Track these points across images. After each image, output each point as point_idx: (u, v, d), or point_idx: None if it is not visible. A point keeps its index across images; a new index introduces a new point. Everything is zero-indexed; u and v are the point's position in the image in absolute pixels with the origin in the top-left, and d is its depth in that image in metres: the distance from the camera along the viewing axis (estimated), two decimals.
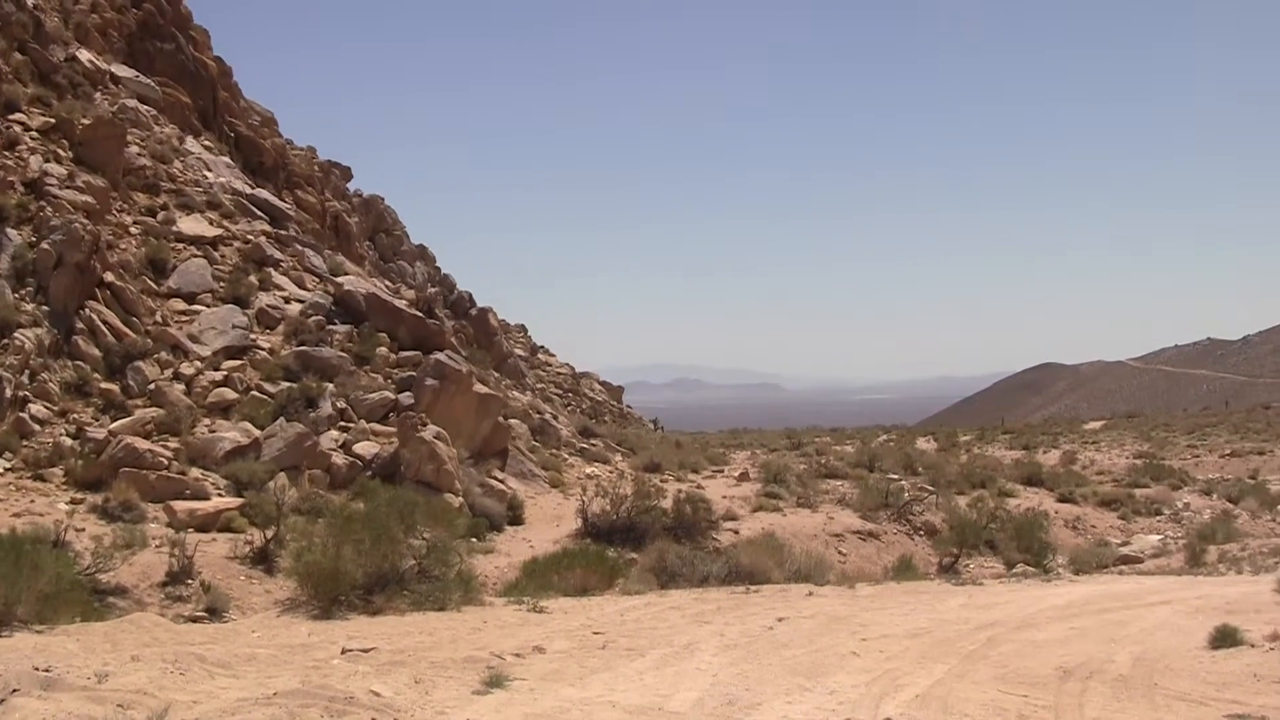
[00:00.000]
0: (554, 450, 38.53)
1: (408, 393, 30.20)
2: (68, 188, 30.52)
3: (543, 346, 70.73)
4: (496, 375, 43.04)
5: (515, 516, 28.44)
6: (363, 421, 28.88)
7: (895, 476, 39.59)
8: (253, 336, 30.45)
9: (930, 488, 38.24)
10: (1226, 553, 29.69)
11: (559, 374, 65.61)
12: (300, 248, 36.38)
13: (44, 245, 27.51)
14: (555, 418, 43.90)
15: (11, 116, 32.74)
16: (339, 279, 35.18)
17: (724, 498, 33.05)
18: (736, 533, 28.80)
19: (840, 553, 29.94)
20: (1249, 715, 10.86)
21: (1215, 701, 11.39)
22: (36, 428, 24.40)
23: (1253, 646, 13.65)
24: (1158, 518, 39.27)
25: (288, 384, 28.57)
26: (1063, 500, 40.00)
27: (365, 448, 27.57)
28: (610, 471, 38.00)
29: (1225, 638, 13.93)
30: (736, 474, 40.87)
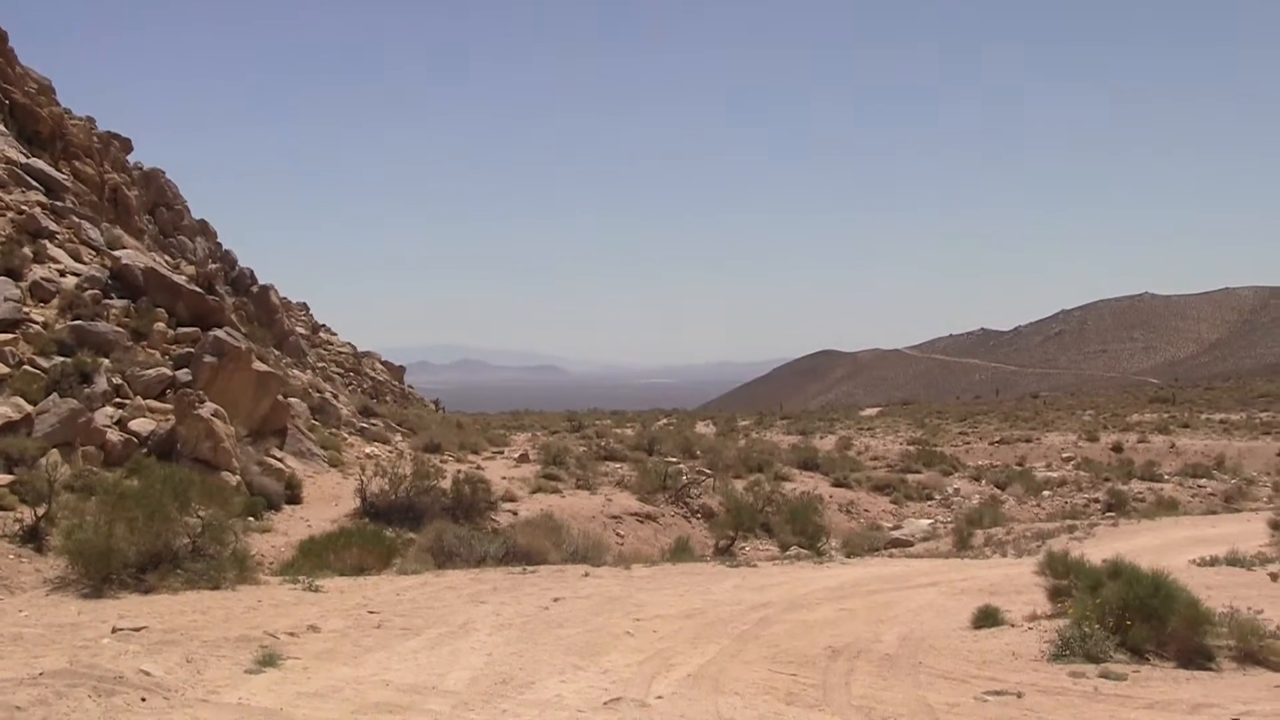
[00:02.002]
0: (334, 429, 38.18)
1: (185, 369, 29.62)
2: None
3: (324, 325, 69.82)
4: (277, 353, 42.47)
5: (293, 495, 28.14)
6: (139, 398, 28.23)
7: (674, 460, 40.12)
8: (26, 310, 29.47)
9: (708, 471, 38.85)
10: (992, 536, 30.73)
11: (340, 353, 64.83)
12: (77, 220, 35.30)
13: None
14: (336, 397, 43.47)
15: None
16: (117, 252, 34.26)
17: (503, 479, 33.19)
18: (515, 514, 28.96)
19: (618, 534, 30.28)
20: (1007, 691, 11.37)
21: (976, 679, 11.90)
22: None
23: (1013, 626, 14.27)
24: (929, 503, 40.51)
25: (62, 359, 27.75)
26: (837, 485, 40.98)
27: (141, 424, 26.97)
28: (390, 451, 37.83)
29: (987, 618, 14.53)
30: (516, 455, 41.00)
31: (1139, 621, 12.86)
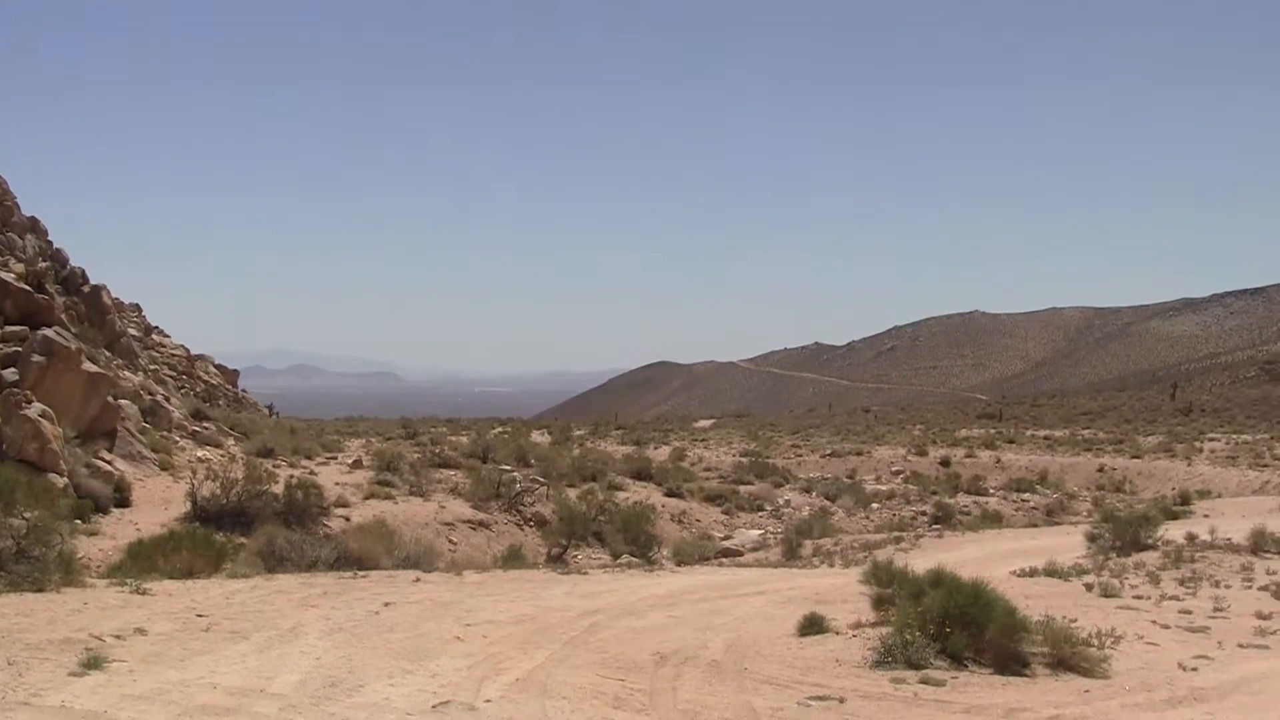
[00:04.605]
0: (165, 433, 37.57)
1: (12, 369, 29.01)
2: None
3: (157, 327, 68.46)
4: (108, 354, 41.61)
5: (122, 498, 27.73)
6: None
7: (508, 468, 40.13)
8: None
9: (542, 480, 38.92)
10: (821, 547, 31.16)
11: (173, 356, 63.66)
12: None
13: None
14: (168, 400, 42.75)
15: None
16: None
17: (337, 484, 32.96)
18: (348, 519, 28.81)
19: (451, 541, 30.26)
20: (830, 696, 11.66)
21: (800, 685, 12.18)
22: None
23: (837, 634, 14.60)
24: (760, 513, 40.93)
25: None
26: (670, 495, 41.23)
27: None
28: (222, 455, 37.38)
29: (813, 625, 14.83)
30: (350, 461, 40.71)
31: (959, 629, 13.23)
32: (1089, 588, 19.07)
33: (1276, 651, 14.31)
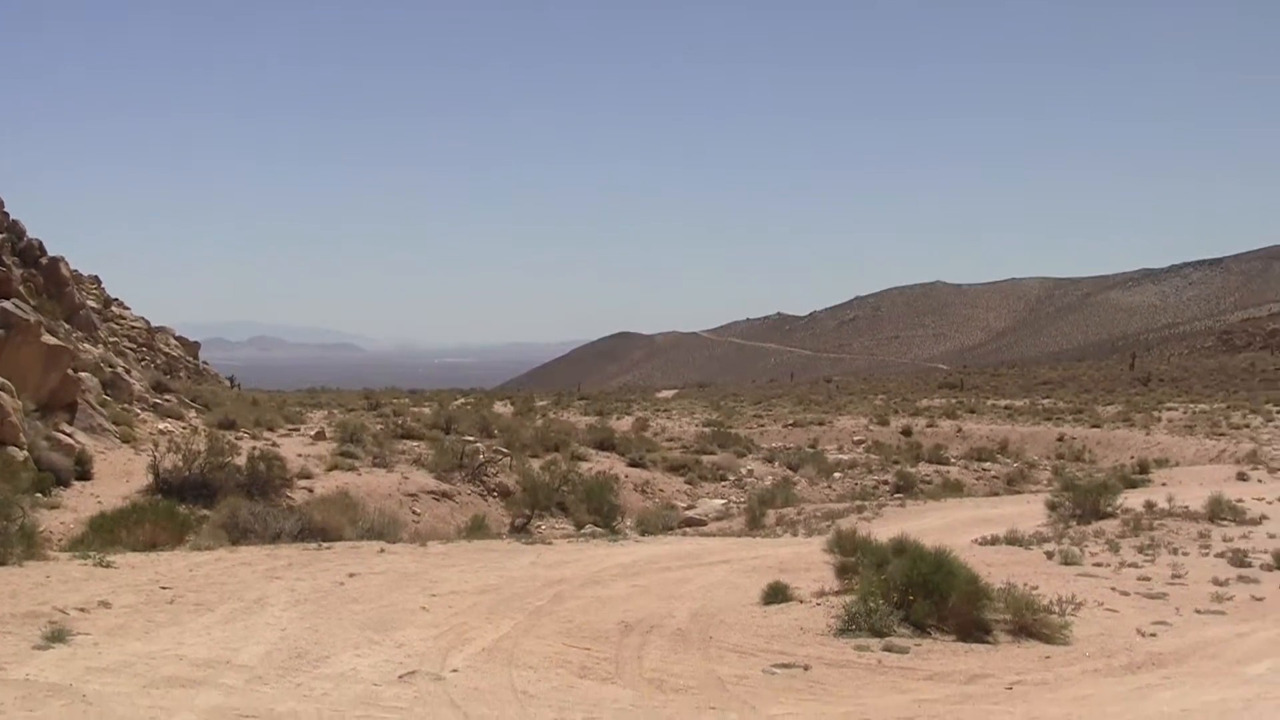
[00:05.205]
0: (126, 405, 37.40)
1: None
2: None
3: (117, 299, 68.02)
4: (67, 327, 41.36)
5: (84, 471, 27.61)
6: None
7: (471, 439, 40.09)
8: None
9: (505, 450, 38.94)
10: (784, 516, 31.32)
11: (133, 328, 63.28)
12: None
13: None
14: (128, 372, 42.53)
15: None
16: None
17: (299, 456, 32.86)
18: (311, 491, 28.77)
19: (414, 512, 30.27)
20: (794, 664, 11.75)
21: (764, 653, 12.26)
22: None
23: (801, 602, 14.68)
24: (723, 483, 41.08)
25: None
26: (633, 465, 41.35)
27: None
28: (184, 428, 37.26)
29: (777, 594, 14.90)
30: (313, 433, 40.60)
31: (922, 597, 13.36)
32: (1049, 556, 19.26)
33: (1232, 617, 14.54)
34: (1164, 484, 33.04)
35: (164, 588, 14.69)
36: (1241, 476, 34.76)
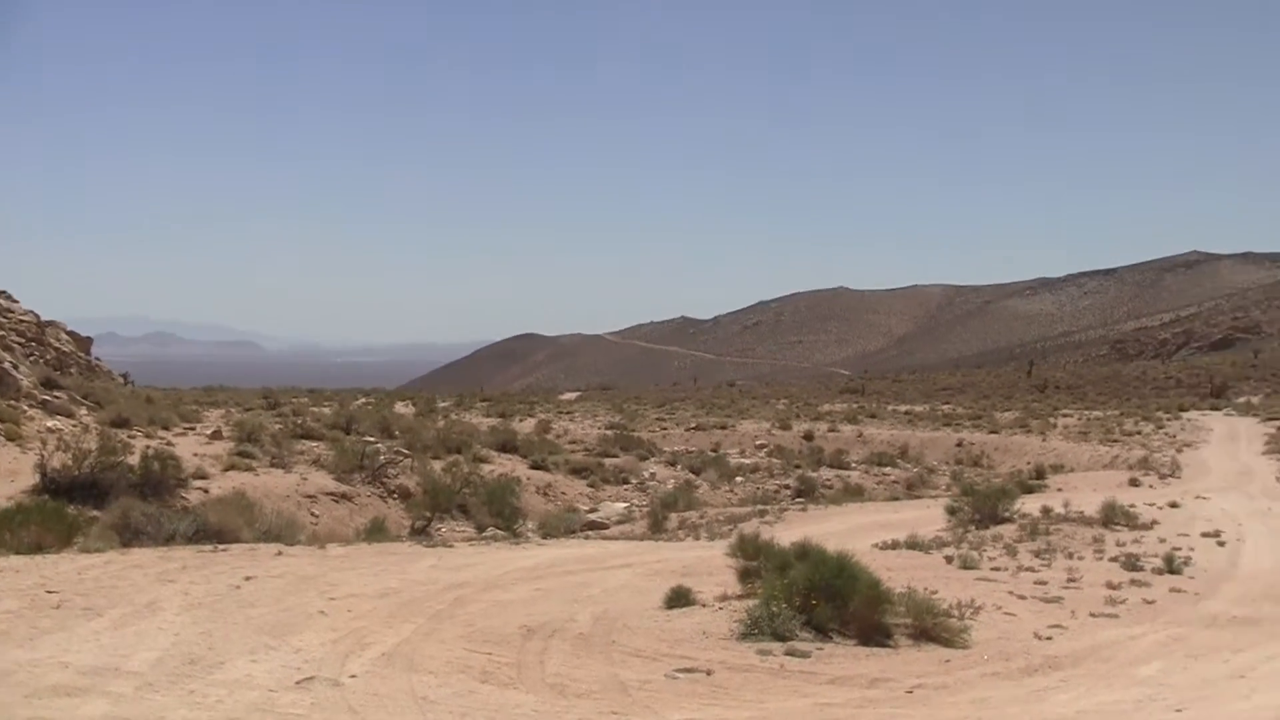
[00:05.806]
0: (13, 401, 36.65)
1: None
2: None
3: (4, 291, 66.83)
4: None
5: None
6: None
7: (372, 439, 39.77)
8: None
9: (406, 451, 38.66)
10: (687, 520, 31.35)
11: (22, 322, 62.11)
12: None
13: None
14: (16, 368, 41.73)
15: None
16: None
17: (195, 455, 32.39)
18: (207, 491, 28.32)
19: (313, 514, 29.94)
20: (697, 669, 11.69)
21: (667, 657, 12.22)
22: None
23: (704, 606, 14.66)
24: (625, 486, 41.13)
25: None
26: (536, 467, 41.28)
27: None
28: (75, 425, 36.56)
29: (679, 598, 14.86)
30: (209, 432, 40.04)
31: (824, 601, 13.38)
32: (949, 560, 19.53)
33: (1125, 620, 14.87)
34: (1060, 489, 33.59)
35: (50, 592, 14.31)
36: (1134, 482, 35.74)
